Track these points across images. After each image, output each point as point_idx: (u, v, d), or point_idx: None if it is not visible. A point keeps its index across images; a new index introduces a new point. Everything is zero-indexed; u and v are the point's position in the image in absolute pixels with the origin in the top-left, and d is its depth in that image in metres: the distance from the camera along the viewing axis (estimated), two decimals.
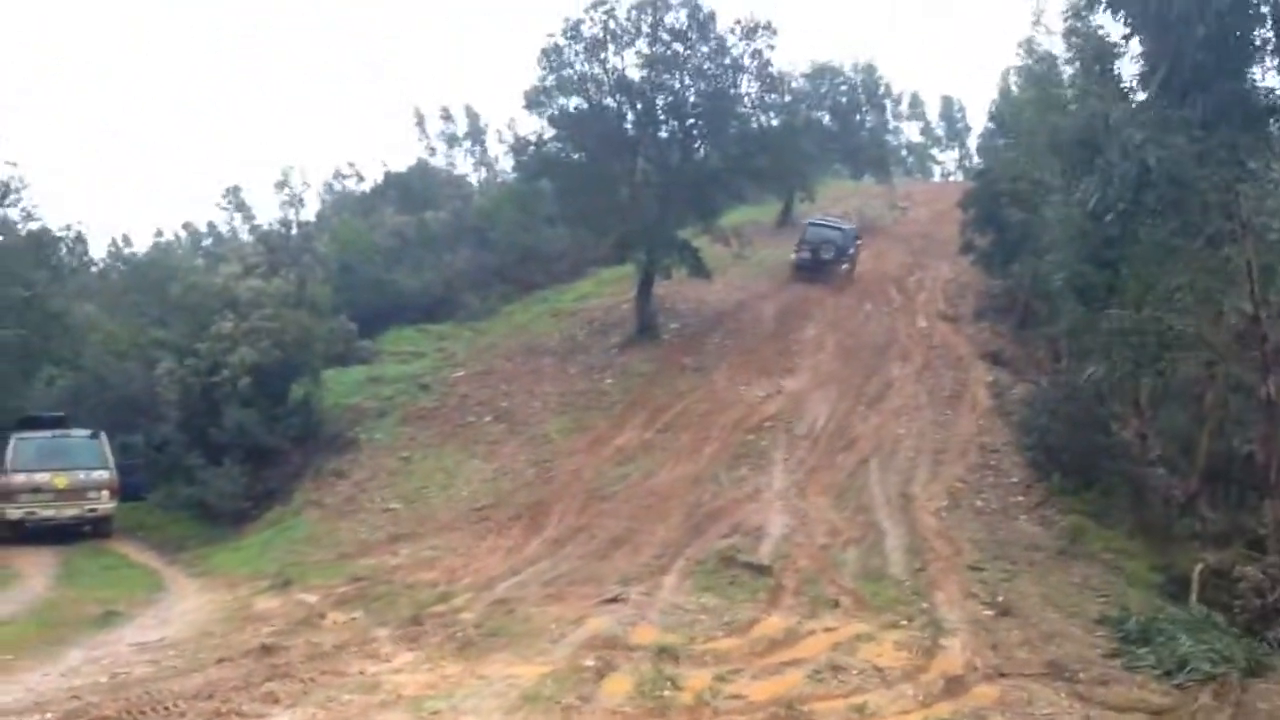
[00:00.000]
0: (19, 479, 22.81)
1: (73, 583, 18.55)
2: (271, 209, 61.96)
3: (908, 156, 64.86)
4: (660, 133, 31.03)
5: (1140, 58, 15.56)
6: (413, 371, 29.99)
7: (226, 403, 25.38)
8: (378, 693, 10.43)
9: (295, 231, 35.21)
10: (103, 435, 24.50)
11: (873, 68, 47.66)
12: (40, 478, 22.95)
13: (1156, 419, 20.77)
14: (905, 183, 57.06)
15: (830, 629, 12.92)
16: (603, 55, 29.98)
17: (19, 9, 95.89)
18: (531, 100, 30.37)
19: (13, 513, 22.75)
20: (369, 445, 25.57)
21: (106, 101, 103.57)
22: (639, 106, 30.37)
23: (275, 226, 36.00)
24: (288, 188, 35.82)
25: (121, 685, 10.99)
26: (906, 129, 64.84)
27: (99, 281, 38.23)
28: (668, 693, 10.27)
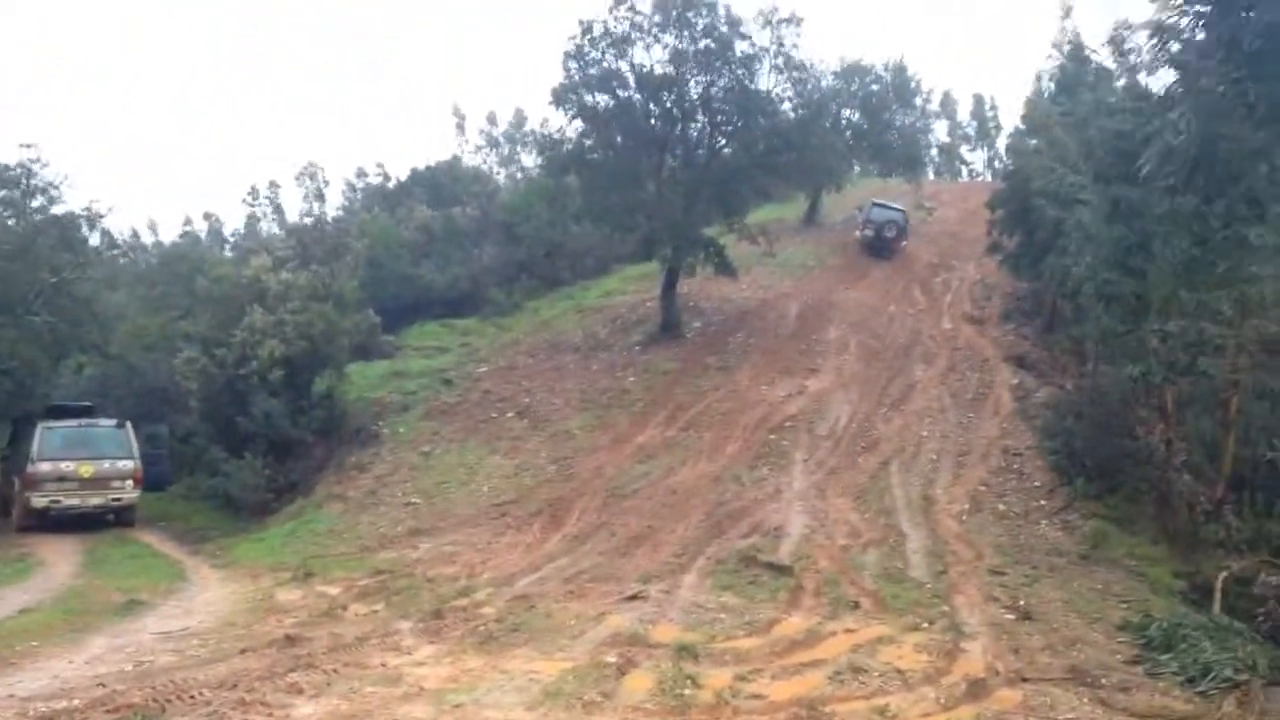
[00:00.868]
0: (45, 467, 23.03)
1: (97, 571, 18.69)
2: (293, 205, 62.30)
3: (937, 156, 64.47)
4: (687, 129, 31.02)
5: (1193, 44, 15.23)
6: (436, 366, 30.13)
7: (253, 394, 25.56)
8: (400, 685, 10.48)
9: (328, 226, 35.38)
10: (128, 425, 24.71)
11: (903, 66, 47.53)
12: (66, 466, 23.15)
13: (1183, 424, 20.58)
14: (933, 182, 56.83)
15: (851, 630, 12.86)
16: (629, 51, 30.04)
17: (23, 8, 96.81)
18: (559, 97, 30.40)
19: (39, 501, 22.97)
20: (391, 439, 25.72)
21: (110, 100, 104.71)
22: (666, 102, 30.36)
23: (305, 221, 36.23)
24: (310, 181, 36.06)
25: (146, 674, 11.08)
26: (936, 128, 64.51)
27: (127, 270, 38.50)
28: (688, 691, 10.26)
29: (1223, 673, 11.62)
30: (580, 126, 31.03)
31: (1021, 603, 14.45)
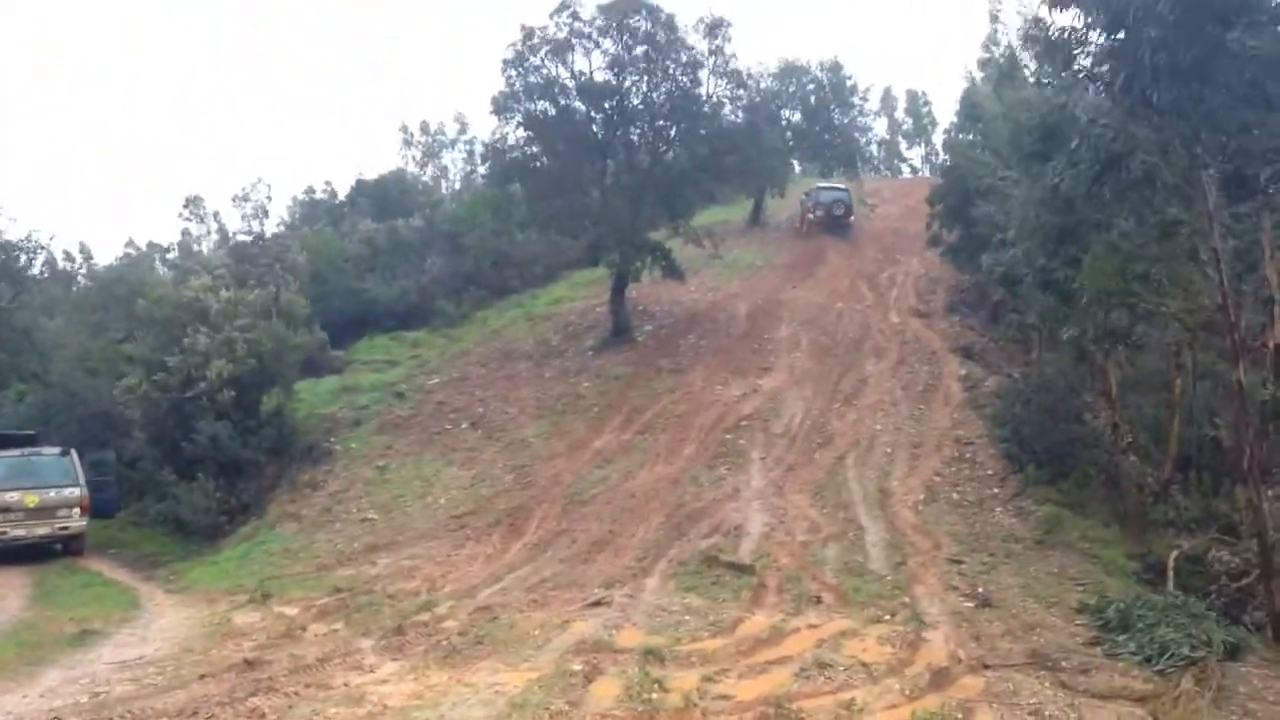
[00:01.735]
0: None
1: (48, 602, 18.27)
2: (235, 221, 61.52)
3: (877, 153, 65.25)
4: (629, 135, 31.05)
5: (1099, 50, 15.64)
6: (387, 380, 29.87)
7: (200, 416, 25.14)
8: (363, 704, 10.36)
9: (265, 242, 34.93)
10: (73, 453, 24.16)
11: (839, 65, 48.15)
12: (10, 497, 22.62)
13: (1127, 408, 21.00)
14: (874, 179, 57.46)
15: (814, 626, 12.96)
16: (570, 58, 30.02)
17: None
18: (499, 105, 30.29)
19: None
20: (344, 455, 25.44)
21: (64, 116, 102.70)
22: (606, 109, 30.37)
23: (243, 238, 35.74)
24: (249, 200, 35.64)
25: (103, 704, 10.87)
26: (876, 126, 65.29)
27: (65, 294, 37.76)
28: (656, 695, 10.25)
29: (1180, 651, 11.87)
30: (523, 135, 30.98)
31: (980, 590, 14.65)
